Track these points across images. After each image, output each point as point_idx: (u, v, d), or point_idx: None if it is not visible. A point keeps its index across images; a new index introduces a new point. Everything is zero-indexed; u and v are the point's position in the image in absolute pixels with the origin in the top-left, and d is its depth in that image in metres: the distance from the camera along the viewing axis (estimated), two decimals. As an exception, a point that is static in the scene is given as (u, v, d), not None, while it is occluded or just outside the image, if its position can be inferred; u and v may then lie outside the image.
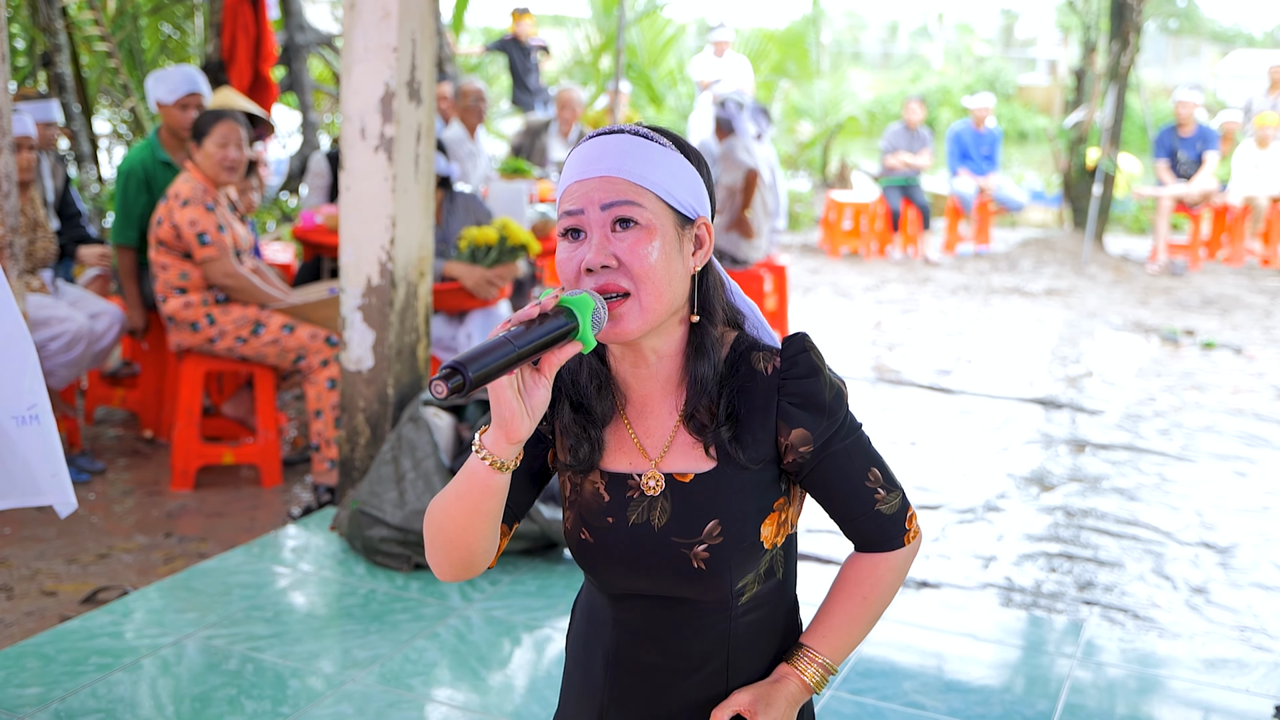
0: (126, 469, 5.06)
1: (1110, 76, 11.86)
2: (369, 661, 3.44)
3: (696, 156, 1.58)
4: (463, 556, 1.56)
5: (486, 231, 5.24)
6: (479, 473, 1.47)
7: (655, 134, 1.55)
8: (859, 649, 3.60)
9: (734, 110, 7.34)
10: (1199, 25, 34.71)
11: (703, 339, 1.57)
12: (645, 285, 1.49)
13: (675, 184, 1.53)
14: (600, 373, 1.61)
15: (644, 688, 1.64)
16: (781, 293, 7.63)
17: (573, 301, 1.44)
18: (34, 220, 5.00)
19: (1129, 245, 12.49)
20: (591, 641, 1.69)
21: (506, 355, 1.37)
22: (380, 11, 4.24)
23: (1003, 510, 4.90)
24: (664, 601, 1.60)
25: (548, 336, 1.41)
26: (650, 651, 1.63)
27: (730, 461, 1.55)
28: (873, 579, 1.64)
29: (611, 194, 1.50)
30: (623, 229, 1.50)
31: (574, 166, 1.54)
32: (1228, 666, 3.63)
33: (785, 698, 1.61)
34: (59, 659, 3.37)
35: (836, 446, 1.58)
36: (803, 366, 1.55)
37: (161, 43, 9.58)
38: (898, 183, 11.50)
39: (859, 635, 1.66)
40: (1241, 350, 8.03)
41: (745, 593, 1.59)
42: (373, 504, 4.05)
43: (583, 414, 1.61)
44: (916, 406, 6.42)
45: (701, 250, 1.57)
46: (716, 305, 1.60)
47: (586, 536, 1.61)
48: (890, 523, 1.63)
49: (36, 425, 2.86)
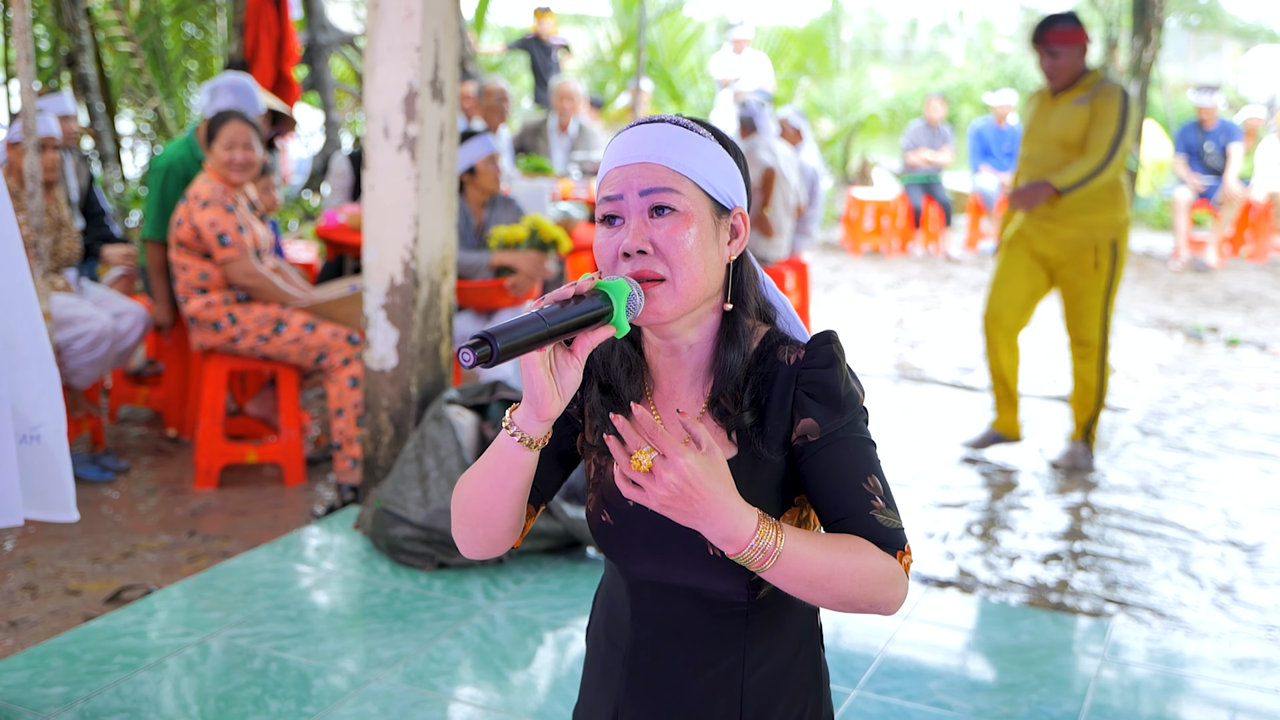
0: (150, 468, 5.08)
1: (1132, 73, 11.81)
2: (393, 661, 3.44)
3: (734, 148, 1.60)
4: (488, 533, 1.58)
5: (516, 230, 5.25)
6: (508, 449, 1.49)
7: (694, 124, 1.57)
8: (883, 650, 3.59)
9: (755, 109, 7.33)
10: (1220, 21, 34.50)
11: (735, 327, 1.58)
12: (681, 270, 1.50)
13: (713, 172, 1.55)
14: (632, 357, 1.62)
15: (659, 680, 1.63)
16: (804, 290, 7.62)
17: (608, 286, 1.45)
18: (59, 220, 5.02)
19: (1151, 242, 12.42)
20: (610, 633, 1.69)
21: (536, 331, 1.37)
22: (403, 11, 4.24)
23: (1027, 509, 4.87)
24: (681, 592, 1.60)
25: (580, 317, 1.41)
26: (667, 644, 1.62)
27: (750, 449, 1.55)
28: (862, 546, 1.49)
29: (650, 180, 1.52)
30: (660, 215, 1.51)
31: (614, 153, 1.56)
32: (1255, 666, 3.61)
33: (728, 492, 1.42)
34: (83, 658, 3.39)
35: (840, 438, 1.53)
36: (822, 357, 1.55)
37: (185, 43, 9.61)
38: (919, 180, 11.47)
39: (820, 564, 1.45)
40: (1266, 347, 7.98)
41: (763, 585, 1.57)
42: (396, 503, 4.05)
43: (610, 396, 1.62)
44: (939, 404, 6.40)
45: (737, 240, 1.58)
46: (750, 295, 1.61)
47: (607, 518, 1.62)
48: (886, 534, 1.51)
49: (36, 445, 2.90)
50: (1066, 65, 5.16)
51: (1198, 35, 34.51)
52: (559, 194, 7.29)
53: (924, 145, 11.64)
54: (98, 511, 4.55)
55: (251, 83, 5.59)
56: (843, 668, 3.46)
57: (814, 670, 1.66)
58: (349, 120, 10.71)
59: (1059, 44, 5.16)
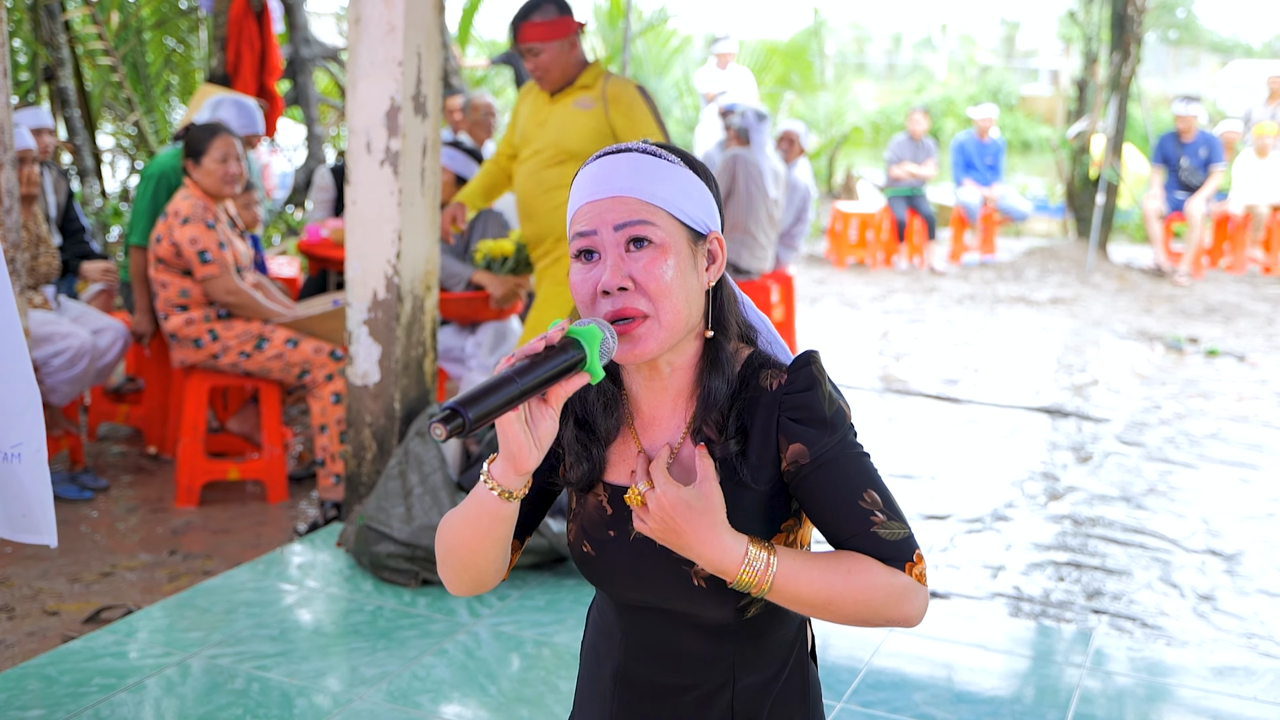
0: (130, 486, 5.05)
1: (1112, 87, 11.87)
2: (377, 679, 3.42)
3: (704, 171, 1.58)
4: (474, 576, 1.57)
5: (502, 244, 5.24)
6: (487, 502, 1.48)
7: (663, 151, 1.55)
8: (869, 661, 3.59)
9: (753, 120, 7.20)
10: (1198, 36, 34.79)
11: (717, 354, 1.56)
12: (663, 304, 1.48)
13: (686, 200, 1.53)
14: (609, 390, 1.60)
15: (648, 701, 1.63)
16: (789, 303, 7.62)
17: (580, 333, 1.42)
18: (37, 236, 5.00)
19: (1133, 254, 12.48)
20: (601, 652, 1.69)
21: (508, 394, 1.36)
22: (385, 26, 4.24)
23: (1010, 520, 4.88)
24: (669, 615, 1.59)
25: (552, 371, 1.39)
26: (655, 665, 1.62)
27: (734, 478, 1.53)
28: (864, 566, 1.48)
29: (624, 214, 1.49)
30: (637, 248, 1.49)
31: (584, 187, 1.53)
32: (1236, 674, 3.61)
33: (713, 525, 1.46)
34: (61, 680, 3.36)
35: (831, 458, 1.51)
36: (803, 380, 1.53)
37: (166, 56, 9.58)
38: (903, 193, 11.51)
39: (817, 590, 1.46)
40: (1245, 358, 8.01)
41: (749, 609, 1.56)
42: (380, 519, 4.03)
43: (586, 431, 1.60)
44: (924, 416, 6.40)
45: (715, 265, 1.57)
46: (730, 320, 1.59)
47: (588, 549, 1.60)
48: (891, 548, 1.49)
49: (17, 463, 2.88)
50: (553, 63, 4.45)
51: (1176, 49, 34.78)
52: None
53: (907, 158, 11.68)
54: (77, 531, 4.52)
55: (254, 104, 5.60)
56: (828, 681, 3.45)
57: (803, 685, 1.66)
58: (332, 134, 10.69)
59: (538, 40, 4.42)
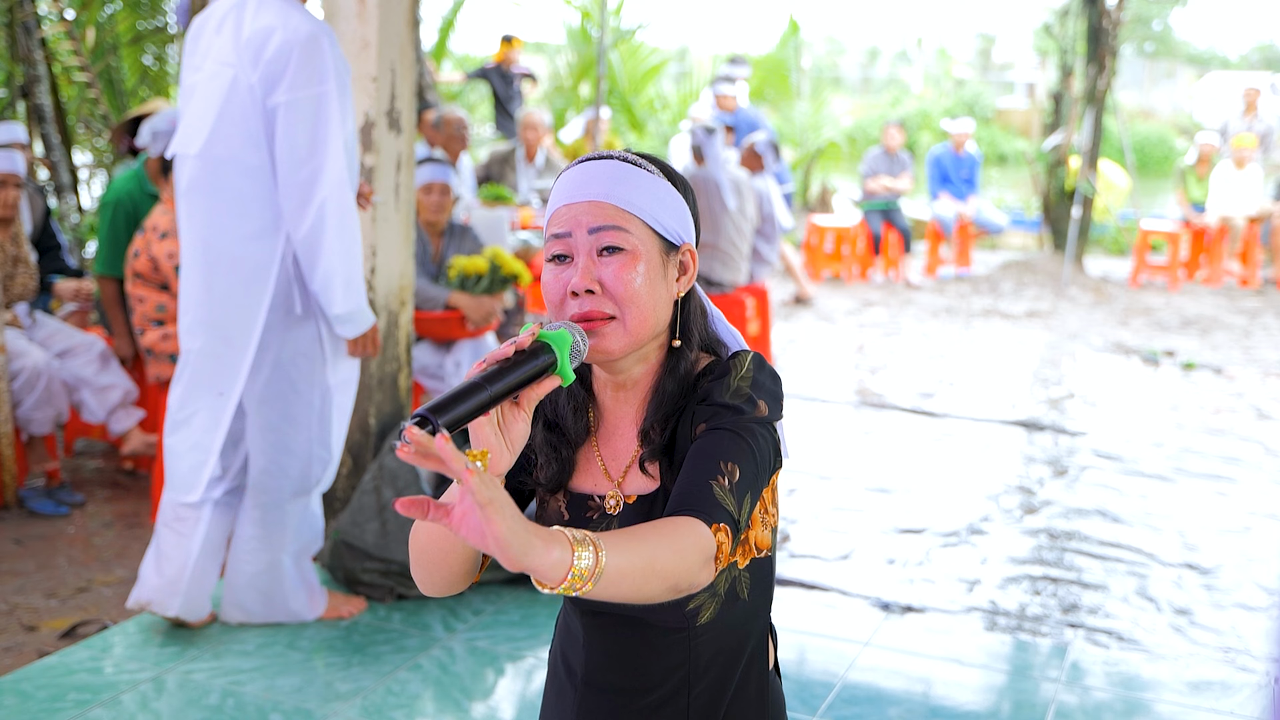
0: (107, 501, 5.03)
1: (1087, 99, 11.96)
2: (351, 694, 3.41)
3: (683, 184, 1.61)
4: (445, 576, 1.57)
5: (477, 261, 5.22)
6: None
7: (643, 160, 1.58)
8: (843, 676, 3.59)
9: (703, 137, 7.20)
10: (1175, 48, 35.03)
11: (678, 363, 1.59)
12: (629, 309, 1.51)
13: (662, 210, 1.56)
14: (579, 395, 1.63)
15: (609, 703, 1.65)
16: (764, 317, 7.64)
17: (550, 337, 1.44)
18: (14, 256, 4.97)
19: (1108, 267, 12.55)
20: (566, 658, 1.71)
21: (479, 399, 1.36)
22: (359, 42, 4.24)
23: (986, 533, 4.90)
24: (627, 620, 1.61)
25: (523, 375, 1.40)
26: (615, 670, 1.64)
27: (671, 478, 1.55)
28: (676, 524, 1.40)
29: (599, 218, 1.52)
30: (609, 254, 1.52)
31: (562, 191, 1.56)
32: (1212, 688, 3.63)
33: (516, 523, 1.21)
34: (37, 695, 3.34)
35: (718, 427, 1.48)
36: (719, 370, 1.56)
37: (142, 72, 9.56)
38: (878, 206, 11.56)
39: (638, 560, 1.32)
40: (1221, 370, 8.06)
41: (702, 614, 1.58)
42: (354, 534, 4.02)
43: (556, 434, 1.62)
44: (899, 430, 6.42)
45: (685, 276, 1.60)
46: (695, 331, 1.62)
47: None
48: (711, 504, 1.42)
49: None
50: None
51: (1152, 62, 35.01)
52: (518, 223, 7.29)
53: (883, 172, 11.73)
54: (53, 546, 4.50)
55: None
56: (803, 695, 3.46)
57: (761, 694, 1.67)
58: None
59: None
